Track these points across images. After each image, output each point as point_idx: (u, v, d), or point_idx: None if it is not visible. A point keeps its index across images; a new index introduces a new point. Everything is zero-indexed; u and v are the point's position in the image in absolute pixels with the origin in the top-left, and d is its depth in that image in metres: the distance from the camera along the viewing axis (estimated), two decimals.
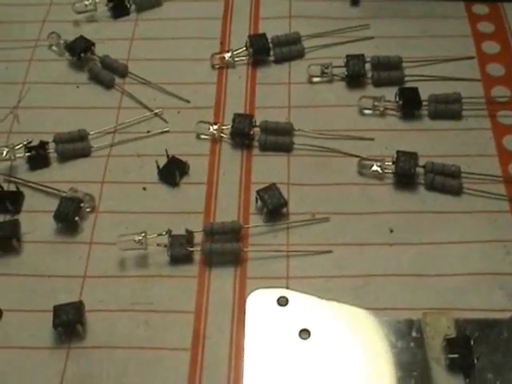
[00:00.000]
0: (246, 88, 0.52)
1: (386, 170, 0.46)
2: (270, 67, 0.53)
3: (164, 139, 0.49)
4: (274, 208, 0.44)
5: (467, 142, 0.48)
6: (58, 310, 0.40)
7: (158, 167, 0.47)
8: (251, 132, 0.48)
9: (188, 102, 0.51)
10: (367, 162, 0.47)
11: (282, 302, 0.41)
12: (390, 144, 0.48)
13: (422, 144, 0.48)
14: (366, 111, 0.50)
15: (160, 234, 0.43)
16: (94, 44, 0.53)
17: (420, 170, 0.46)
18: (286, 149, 0.48)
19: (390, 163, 0.46)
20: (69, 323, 0.40)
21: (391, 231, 0.44)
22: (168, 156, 0.47)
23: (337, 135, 0.49)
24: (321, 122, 0.50)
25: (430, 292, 0.41)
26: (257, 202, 0.45)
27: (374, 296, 0.41)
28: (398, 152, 0.46)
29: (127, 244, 0.42)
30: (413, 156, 0.46)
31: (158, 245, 0.43)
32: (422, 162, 0.46)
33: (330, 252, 0.43)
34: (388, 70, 0.51)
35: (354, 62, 0.51)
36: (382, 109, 0.49)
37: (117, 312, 0.41)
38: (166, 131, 0.50)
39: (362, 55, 0.51)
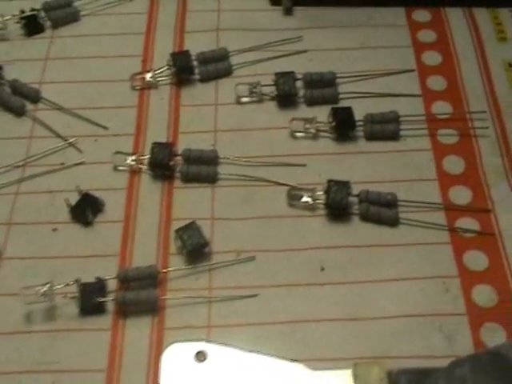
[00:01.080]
0: (169, 111, 0.48)
1: (317, 201, 0.43)
2: (196, 87, 0.49)
3: (79, 172, 0.45)
4: (193, 249, 0.40)
5: (405, 164, 0.44)
6: None
7: (69, 205, 0.43)
8: (171, 163, 0.44)
9: (106, 128, 0.47)
10: (297, 193, 0.43)
11: (201, 357, 0.37)
12: (323, 170, 0.44)
13: (358, 168, 0.44)
14: (298, 134, 0.46)
15: (68, 284, 0.39)
16: (1, 67, 0.48)
17: (354, 200, 0.43)
18: (211, 180, 0.44)
19: (322, 193, 0.43)
20: None
21: (322, 269, 0.41)
22: (80, 192, 0.43)
23: (266, 162, 0.45)
24: (250, 146, 0.46)
25: (365, 338, 0.38)
26: (176, 241, 0.42)
27: (302, 345, 0.38)
28: (328, 181, 0.42)
29: (31, 298, 0.38)
30: (345, 185, 0.42)
31: (66, 295, 0.39)
32: (357, 188, 0.43)
33: (255, 295, 0.40)
34: (321, 87, 0.47)
35: (284, 80, 0.47)
36: (314, 131, 0.46)
37: (20, 374, 0.37)
38: (80, 163, 0.45)
39: (292, 73, 0.47)
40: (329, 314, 0.39)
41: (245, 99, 0.48)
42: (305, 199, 0.43)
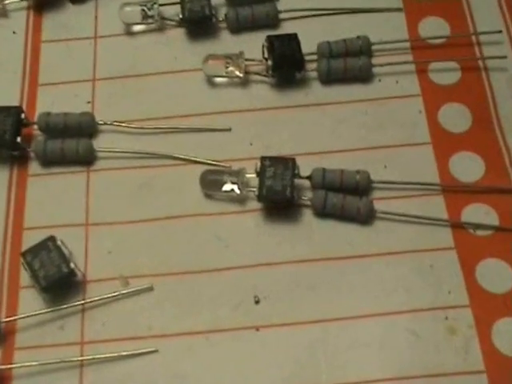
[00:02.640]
0: (24, 51, 0.33)
1: (248, 189, 0.28)
2: (64, 12, 0.35)
3: None
4: (49, 285, 0.26)
5: (382, 121, 0.30)
6: None
7: None
8: (19, 138, 0.29)
9: None
10: (216, 177, 0.28)
11: None
12: (256, 135, 0.31)
13: (309, 131, 0.30)
14: (218, 80, 0.31)
15: None
16: None
17: (305, 184, 0.28)
18: (84, 160, 0.30)
19: (254, 175, 0.28)
20: None
21: (257, 302, 0.27)
22: None
23: (170, 127, 0.30)
24: (145, 103, 0.32)
25: None
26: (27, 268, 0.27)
27: None
28: (262, 159, 0.28)
29: None
30: (288, 163, 0.27)
31: None
32: (309, 164, 0.29)
33: (154, 352, 0.26)
34: (252, 2, 0.32)
35: None
36: (241, 74, 0.31)
37: None
38: None
39: None
40: (265, 378, 0.25)
41: (137, 28, 0.33)
42: (229, 186, 0.28)
